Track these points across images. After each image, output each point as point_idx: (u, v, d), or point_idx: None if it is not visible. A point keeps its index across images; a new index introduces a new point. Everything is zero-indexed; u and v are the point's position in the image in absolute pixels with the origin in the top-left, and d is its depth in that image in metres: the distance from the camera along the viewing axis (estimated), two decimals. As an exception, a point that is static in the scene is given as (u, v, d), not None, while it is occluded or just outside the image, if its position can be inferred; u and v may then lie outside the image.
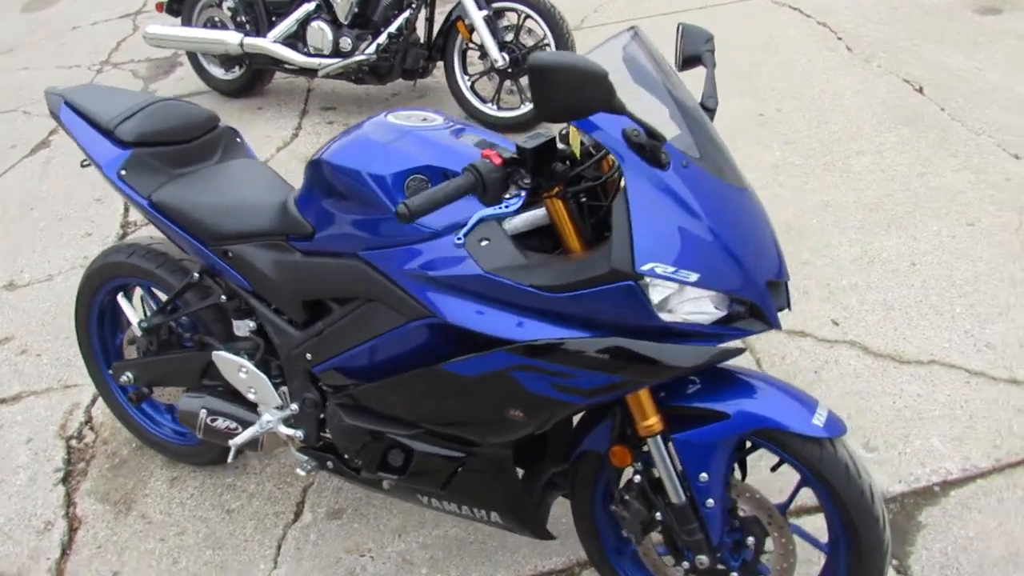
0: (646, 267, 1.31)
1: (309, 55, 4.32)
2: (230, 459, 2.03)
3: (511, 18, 4.08)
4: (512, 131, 4.09)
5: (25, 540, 2.25)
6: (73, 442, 2.57)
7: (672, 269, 1.31)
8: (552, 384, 1.44)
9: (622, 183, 1.37)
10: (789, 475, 1.59)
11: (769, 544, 1.61)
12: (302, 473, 1.90)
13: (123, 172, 1.91)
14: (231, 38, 4.42)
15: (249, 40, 4.39)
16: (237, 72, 4.79)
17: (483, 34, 3.94)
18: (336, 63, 4.20)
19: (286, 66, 4.42)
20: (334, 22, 4.26)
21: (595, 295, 1.35)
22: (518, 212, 1.48)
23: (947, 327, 2.62)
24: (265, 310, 1.86)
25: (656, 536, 1.69)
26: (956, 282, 2.80)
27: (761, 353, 2.60)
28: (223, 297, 1.93)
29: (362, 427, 1.72)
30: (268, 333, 1.88)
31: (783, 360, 2.56)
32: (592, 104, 1.21)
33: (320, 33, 4.25)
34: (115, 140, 1.93)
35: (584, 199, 1.47)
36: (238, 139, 2.16)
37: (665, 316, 1.36)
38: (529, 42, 4.07)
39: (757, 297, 1.39)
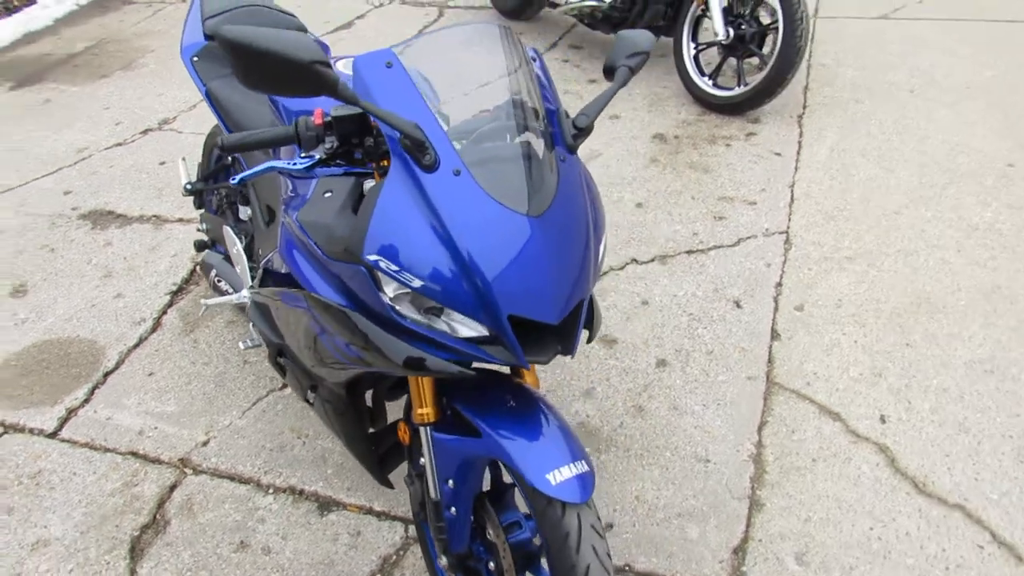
0: (371, 257, 1.32)
1: (560, -11, 4.42)
2: (200, 313, 2.40)
3: (756, -8, 3.77)
4: (722, 112, 3.87)
5: (121, 325, 2.89)
6: (198, 267, 3.17)
7: (396, 268, 1.31)
8: (328, 338, 1.53)
9: None
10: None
11: None
12: (241, 347, 2.21)
13: (195, 59, 2.28)
14: (509, -41, 4.68)
15: (522, -35, 4.60)
16: (512, -6, 5.05)
17: (712, 3, 3.70)
18: (573, 3, 4.25)
19: (539, -7, 4.57)
20: (589, -39, 4.28)
21: (343, 268, 1.40)
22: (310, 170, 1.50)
23: (1016, 478, 2.08)
24: (255, 201, 2.14)
25: None
26: (1081, 434, 2.19)
27: (772, 417, 2.31)
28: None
29: (256, 324, 1.95)
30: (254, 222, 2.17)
31: (791, 434, 2.26)
32: (305, 88, 1.23)
33: (578, -31, 4.31)
34: (203, 31, 2.30)
35: None
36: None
37: (405, 312, 1.36)
38: (766, 20, 3.74)
39: (494, 326, 1.32)
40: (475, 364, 1.45)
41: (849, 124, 3.74)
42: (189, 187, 2.49)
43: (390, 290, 1.36)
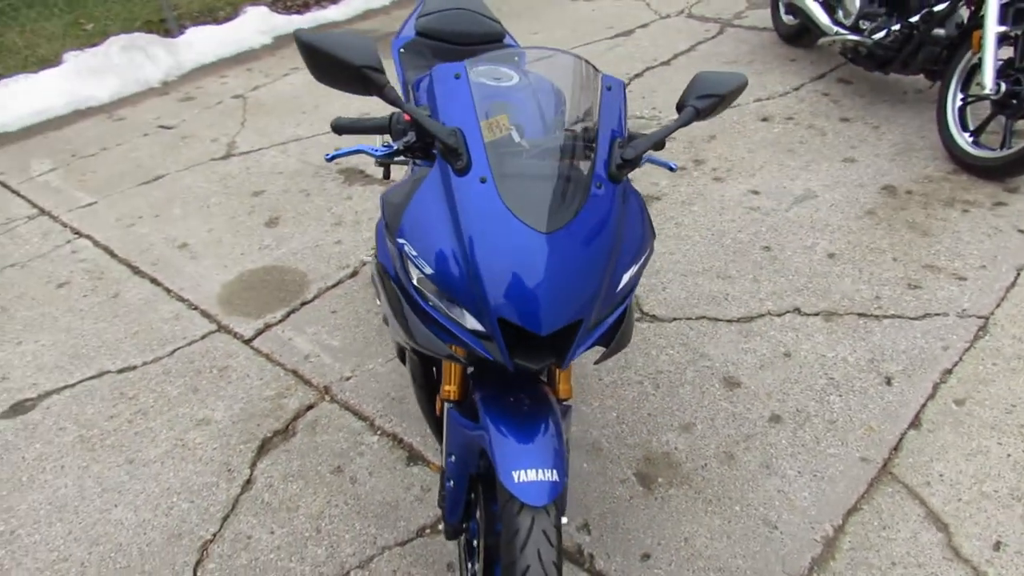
0: (400, 240, 1.50)
1: (832, 20, 4.18)
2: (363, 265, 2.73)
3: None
4: (977, 174, 3.48)
5: (331, 267, 3.37)
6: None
7: (415, 253, 1.48)
8: (389, 309, 1.74)
9: None
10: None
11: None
12: (378, 303, 2.51)
13: (402, 50, 2.60)
14: (784, -17, 4.53)
15: (796, -12, 4.43)
16: (793, 20, 4.87)
17: (987, 51, 3.31)
18: (836, 36, 4.01)
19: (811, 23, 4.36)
20: (870, -7, 4.01)
21: (393, 249, 1.60)
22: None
23: None
24: None
25: None
26: None
27: (869, 506, 2.11)
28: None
29: (374, 285, 2.23)
30: None
31: (881, 529, 2.05)
32: (357, 87, 1.43)
33: (851, 2, 4.07)
34: (415, 26, 2.62)
35: None
36: (516, 58, 2.62)
37: (427, 295, 1.52)
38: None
39: (486, 325, 1.44)
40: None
41: None
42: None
43: (415, 273, 1.54)
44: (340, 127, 1.69)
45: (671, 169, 1.83)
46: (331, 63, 1.43)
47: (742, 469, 2.26)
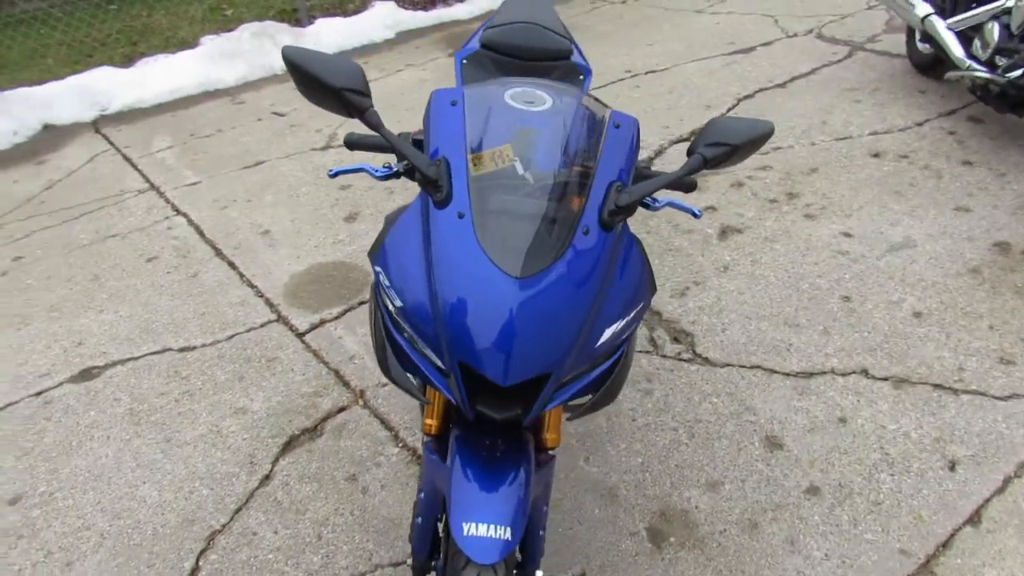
0: (376, 268, 1.46)
1: (967, 53, 3.81)
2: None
3: None
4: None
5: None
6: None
7: (387, 284, 1.43)
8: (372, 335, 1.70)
9: None
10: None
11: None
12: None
13: (465, 61, 2.54)
14: (920, 9, 4.16)
15: (933, 18, 4.06)
16: (928, 49, 4.48)
17: None
18: (966, 72, 3.64)
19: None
20: (1010, 28, 3.61)
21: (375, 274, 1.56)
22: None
23: None
24: None
25: None
26: None
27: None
28: None
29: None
30: None
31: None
32: (339, 107, 1.39)
33: (990, 34, 3.68)
34: (480, 38, 2.56)
35: None
36: (581, 76, 2.52)
37: (403, 326, 1.47)
38: None
39: (447, 365, 1.37)
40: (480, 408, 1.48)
41: None
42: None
43: (390, 304, 1.49)
44: (351, 143, 1.67)
45: (696, 216, 1.69)
46: (314, 83, 1.40)
47: (763, 541, 2.08)
